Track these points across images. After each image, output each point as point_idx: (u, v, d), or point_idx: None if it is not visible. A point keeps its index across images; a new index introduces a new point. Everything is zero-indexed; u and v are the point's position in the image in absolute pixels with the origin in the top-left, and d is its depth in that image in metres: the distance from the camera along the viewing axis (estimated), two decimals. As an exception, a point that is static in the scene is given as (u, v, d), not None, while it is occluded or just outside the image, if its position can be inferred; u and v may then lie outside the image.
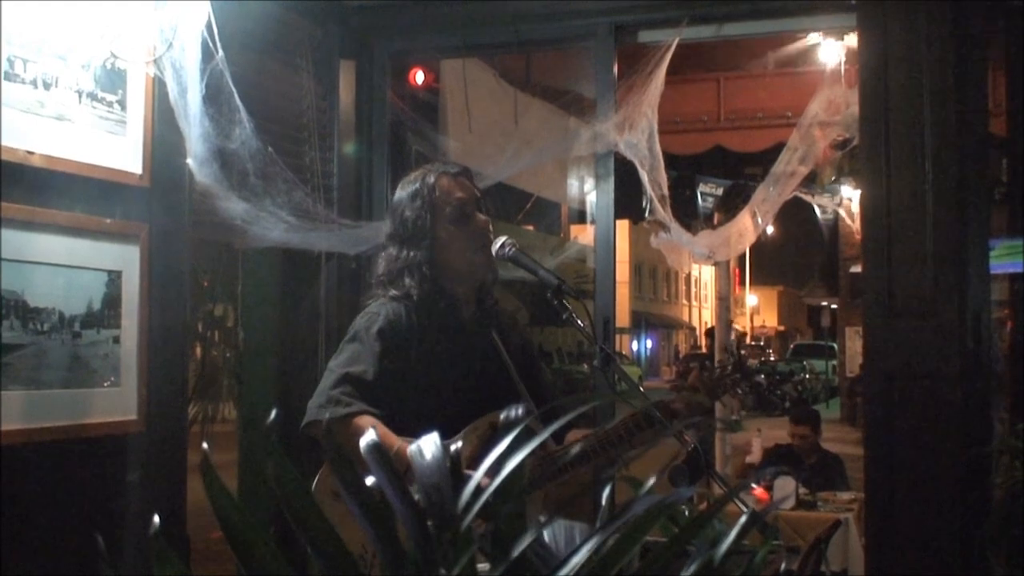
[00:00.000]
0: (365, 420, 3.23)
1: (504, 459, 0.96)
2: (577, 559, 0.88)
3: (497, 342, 3.52)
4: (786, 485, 7.20)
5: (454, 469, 1.01)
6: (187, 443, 4.33)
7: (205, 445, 1.12)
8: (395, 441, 3.17)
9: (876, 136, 4.70)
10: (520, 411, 1.11)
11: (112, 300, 3.86)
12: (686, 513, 2.82)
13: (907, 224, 4.60)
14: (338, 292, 5.43)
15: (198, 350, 10.87)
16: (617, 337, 6.08)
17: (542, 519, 1.10)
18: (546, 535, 1.10)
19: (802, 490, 7.28)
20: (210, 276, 10.18)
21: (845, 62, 6.44)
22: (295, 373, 5.35)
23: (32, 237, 3.56)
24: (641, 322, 46.42)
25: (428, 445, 1.04)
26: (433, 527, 0.91)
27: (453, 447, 1.06)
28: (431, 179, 3.49)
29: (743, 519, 0.98)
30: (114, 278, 3.87)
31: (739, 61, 8.21)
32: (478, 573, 0.94)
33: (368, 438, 1.04)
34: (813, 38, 7.05)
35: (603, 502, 1.38)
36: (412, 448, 1.09)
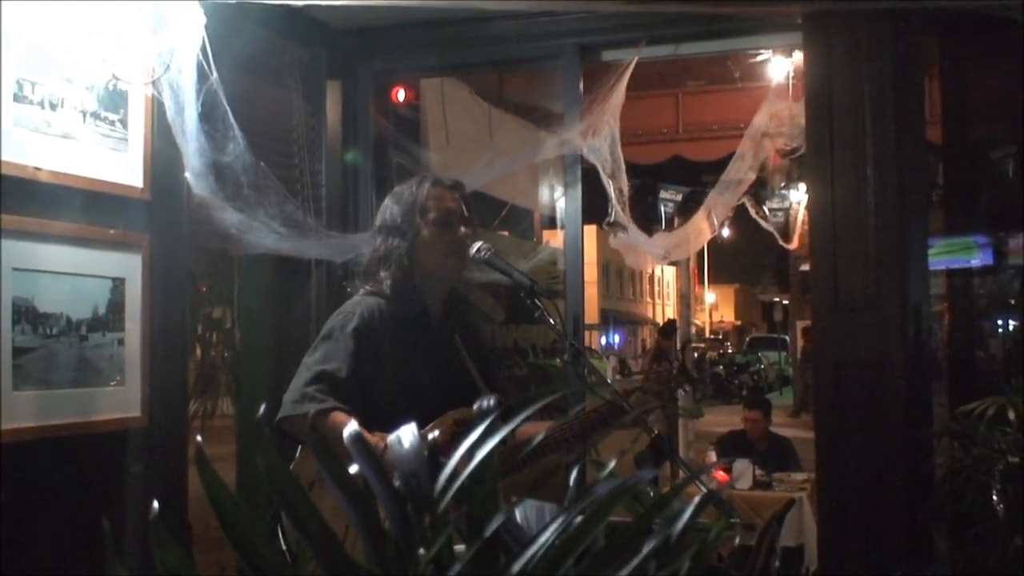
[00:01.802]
0: (339, 417, 3.21)
1: (476, 446, 0.96)
2: (545, 537, 0.88)
3: (458, 343, 3.51)
4: (743, 467, 7.23)
5: (431, 456, 1.01)
6: (188, 437, 4.31)
7: (199, 438, 1.12)
8: (367, 436, 3.16)
9: (821, 145, 4.73)
10: (491, 402, 1.11)
11: (116, 305, 3.84)
12: (651, 495, 2.83)
13: (851, 225, 4.63)
14: (328, 295, 5.43)
15: (198, 350, 10.84)
16: (587, 333, 6.13)
17: (513, 500, 1.10)
18: (518, 516, 1.09)
19: (758, 471, 7.30)
20: (208, 281, 10.16)
21: (793, 77, 6.47)
22: (289, 370, 5.30)
23: (41, 247, 3.55)
24: (609, 319, 46.43)
25: (406, 434, 1.04)
26: (412, 511, 0.91)
27: (430, 436, 1.06)
28: (425, 183, 3.49)
29: (698, 497, 0.98)
30: (118, 284, 3.85)
31: (696, 77, 8.23)
32: (455, 553, 0.94)
33: (351, 428, 1.04)
34: (764, 55, 7.07)
35: (571, 484, 1.38)
36: (391, 437, 1.08)
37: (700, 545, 0.90)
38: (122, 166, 3.88)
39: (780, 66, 6.92)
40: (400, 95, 6.39)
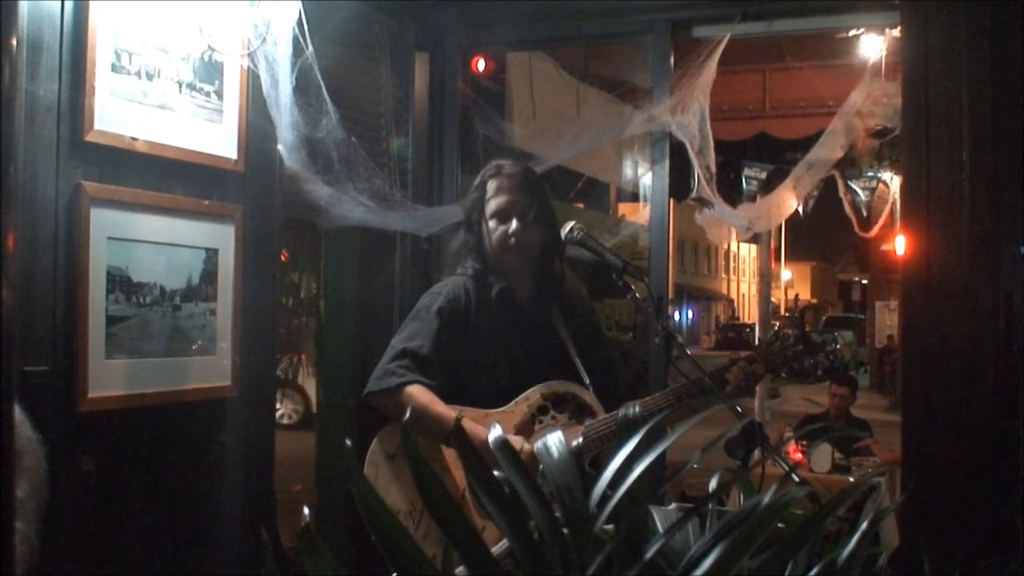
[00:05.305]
0: (414, 389, 3.30)
1: (632, 461, 0.93)
2: (708, 562, 0.85)
3: (557, 317, 3.53)
4: (823, 450, 7.18)
5: (579, 467, 0.98)
6: (275, 406, 4.34)
7: (348, 442, 1.13)
8: (441, 408, 3.22)
9: (917, 126, 4.63)
10: (637, 409, 1.08)
11: (209, 276, 3.87)
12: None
13: (945, 209, 4.53)
14: (411, 268, 5.45)
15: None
16: (663, 309, 6.08)
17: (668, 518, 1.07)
18: (660, 527, 1.07)
19: (837, 455, 7.25)
20: (293, 251, 10.30)
21: (885, 55, 6.35)
22: (371, 341, 5.35)
23: (136, 217, 3.58)
24: (683, 294, 46.23)
25: (555, 442, 1.01)
26: (567, 527, 0.88)
27: (574, 443, 1.04)
28: (489, 173, 3.57)
29: (864, 525, 0.96)
30: (211, 255, 3.88)
31: (783, 54, 8.11)
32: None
33: (495, 434, 1.02)
34: (853, 32, 6.95)
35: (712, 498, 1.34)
36: (538, 445, 1.05)
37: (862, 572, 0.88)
38: (217, 137, 3.90)
39: (871, 44, 6.80)
40: (480, 65, 6.37)
